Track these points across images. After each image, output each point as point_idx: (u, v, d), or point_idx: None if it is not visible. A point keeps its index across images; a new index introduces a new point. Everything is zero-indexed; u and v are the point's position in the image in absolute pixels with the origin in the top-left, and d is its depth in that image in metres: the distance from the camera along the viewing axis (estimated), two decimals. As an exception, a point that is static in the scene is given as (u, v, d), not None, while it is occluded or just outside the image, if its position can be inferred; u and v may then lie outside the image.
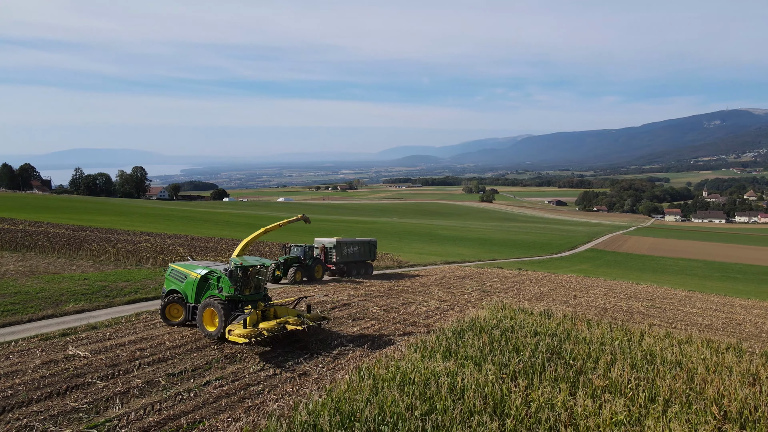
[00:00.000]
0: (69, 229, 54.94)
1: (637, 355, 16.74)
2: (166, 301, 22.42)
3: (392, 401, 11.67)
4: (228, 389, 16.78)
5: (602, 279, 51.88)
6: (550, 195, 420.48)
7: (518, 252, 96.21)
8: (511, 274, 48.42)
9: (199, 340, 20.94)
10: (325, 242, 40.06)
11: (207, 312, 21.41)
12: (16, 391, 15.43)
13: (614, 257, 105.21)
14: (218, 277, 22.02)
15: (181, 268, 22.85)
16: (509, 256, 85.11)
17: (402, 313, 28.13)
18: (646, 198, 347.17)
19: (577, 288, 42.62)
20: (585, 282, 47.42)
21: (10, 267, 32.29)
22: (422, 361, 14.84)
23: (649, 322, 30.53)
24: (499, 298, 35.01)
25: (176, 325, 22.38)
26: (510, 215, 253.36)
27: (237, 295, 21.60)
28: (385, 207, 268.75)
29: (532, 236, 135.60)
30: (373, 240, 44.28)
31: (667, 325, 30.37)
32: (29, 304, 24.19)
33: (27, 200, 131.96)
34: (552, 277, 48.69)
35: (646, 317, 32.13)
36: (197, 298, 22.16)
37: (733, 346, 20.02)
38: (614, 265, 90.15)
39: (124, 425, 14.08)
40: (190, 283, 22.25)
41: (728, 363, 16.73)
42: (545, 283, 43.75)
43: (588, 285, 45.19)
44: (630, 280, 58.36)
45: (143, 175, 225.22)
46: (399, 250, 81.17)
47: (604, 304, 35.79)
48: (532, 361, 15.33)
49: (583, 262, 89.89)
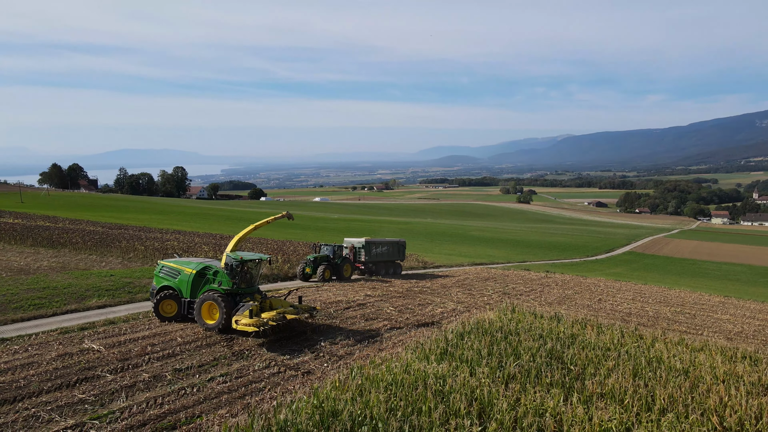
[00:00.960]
0: (105, 227, 56.99)
1: (642, 362, 16.21)
2: (158, 297, 22.86)
3: (376, 402, 11.68)
4: (230, 386, 17.11)
5: (633, 283, 50.43)
6: (590, 196, 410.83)
7: (551, 254, 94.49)
8: (537, 277, 47.60)
9: (209, 337, 21.41)
10: (354, 242, 41.02)
11: (206, 306, 22.12)
12: (29, 381, 16.13)
13: (652, 261, 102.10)
14: (215, 271, 22.73)
15: (173, 265, 23.35)
16: (541, 259, 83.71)
17: (416, 314, 28.06)
18: (691, 200, 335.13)
19: (604, 292, 41.56)
20: (613, 286, 46.17)
21: (44, 263, 33.74)
22: (416, 362, 14.79)
23: (673, 328, 29.55)
24: (519, 300, 34.50)
25: (170, 321, 22.86)
26: (547, 217, 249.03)
27: (236, 288, 22.42)
28: (420, 207, 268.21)
29: (568, 238, 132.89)
30: (402, 240, 44.71)
31: (693, 331, 29.32)
32: (55, 299, 25.23)
33: (73, 199, 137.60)
34: (579, 281, 47.63)
35: (671, 323, 31.08)
36: (193, 293, 22.74)
37: (750, 355, 19.14)
38: (651, 269, 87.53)
39: (125, 417, 14.54)
40: (184, 279, 22.78)
41: (740, 372, 16.01)
42: (571, 287, 42.83)
43: (616, 289, 44.00)
44: (666, 284, 56.56)
45: (183, 174, 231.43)
46: (429, 251, 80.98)
47: (629, 308, 34.78)
48: (529, 366, 15.07)
49: (619, 265, 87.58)
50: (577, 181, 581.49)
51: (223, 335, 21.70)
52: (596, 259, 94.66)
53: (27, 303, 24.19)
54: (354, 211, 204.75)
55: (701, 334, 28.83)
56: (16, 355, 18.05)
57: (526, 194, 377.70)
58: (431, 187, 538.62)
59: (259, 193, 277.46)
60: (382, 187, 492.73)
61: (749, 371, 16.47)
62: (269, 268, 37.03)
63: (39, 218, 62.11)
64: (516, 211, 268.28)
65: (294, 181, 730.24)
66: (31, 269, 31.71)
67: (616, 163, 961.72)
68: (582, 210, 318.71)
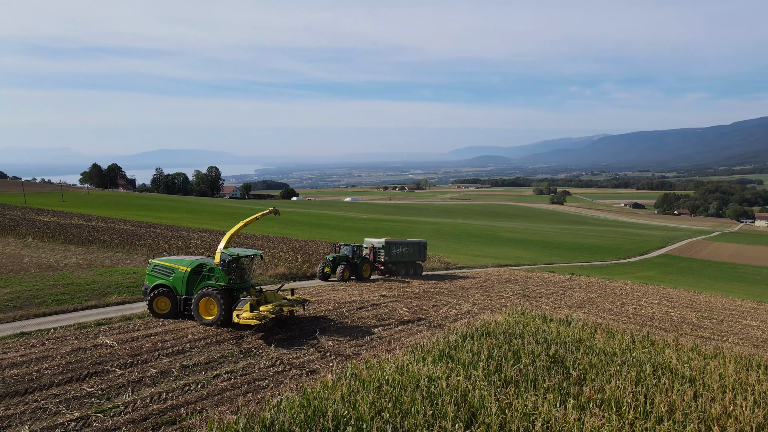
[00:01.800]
0: (135, 225, 58.66)
1: (647, 369, 15.71)
2: (152, 295, 23.38)
3: (364, 403, 11.68)
4: (234, 383, 17.37)
5: (661, 287, 49.02)
6: (627, 197, 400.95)
7: (582, 256, 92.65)
8: (561, 279, 46.75)
9: (220, 335, 21.78)
10: (374, 242, 41.26)
11: (203, 302, 22.72)
12: (42, 374, 16.72)
13: (688, 264, 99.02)
14: (210, 268, 23.28)
15: (166, 264, 23.87)
16: (570, 261, 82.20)
17: (430, 315, 27.92)
18: (734, 201, 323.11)
19: (628, 295, 40.53)
20: (640, 289, 44.97)
21: (72, 260, 34.92)
22: (412, 363, 14.71)
23: (696, 334, 28.63)
24: (538, 303, 33.97)
25: (163, 317, 23.37)
26: (581, 218, 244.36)
27: (232, 284, 22.98)
28: (451, 208, 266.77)
29: (600, 240, 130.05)
30: (423, 241, 44.71)
31: (717, 338, 28.34)
32: (77, 295, 26.08)
33: (111, 197, 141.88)
34: (605, 284, 46.56)
35: (695, 328, 30.09)
36: (189, 290, 23.28)
37: (765, 363, 18.32)
38: (686, 273, 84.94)
39: (128, 411, 14.93)
40: (179, 277, 23.31)
41: (752, 381, 15.36)
42: (595, 290, 41.91)
43: (642, 293, 42.84)
44: (699, 289, 54.78)
45: (217, 174, 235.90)
46: (456, 251, 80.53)
47: (652, 313, 33.81)
48: (527, 370, 14.80)
49: (652, 268, 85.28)
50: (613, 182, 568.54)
51: (232, 333, 22.04)
52: (628, 261, 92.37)
53: (50, 299, 25.09)
54: (384, 211, 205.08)
55: (726, 340, 27.84)
56: (32, 349, 18.74)
57: (560, 195, 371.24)
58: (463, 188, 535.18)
59: (290, 192, 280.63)
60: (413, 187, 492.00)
61: (763, 380, 15.80)
62: (288, 267, 37.44)
63: (74, 216, 64.34)
64: (548, 212, 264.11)
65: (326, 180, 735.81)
66: (59, 266, 32.85)
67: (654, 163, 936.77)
68: (617, 211, 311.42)
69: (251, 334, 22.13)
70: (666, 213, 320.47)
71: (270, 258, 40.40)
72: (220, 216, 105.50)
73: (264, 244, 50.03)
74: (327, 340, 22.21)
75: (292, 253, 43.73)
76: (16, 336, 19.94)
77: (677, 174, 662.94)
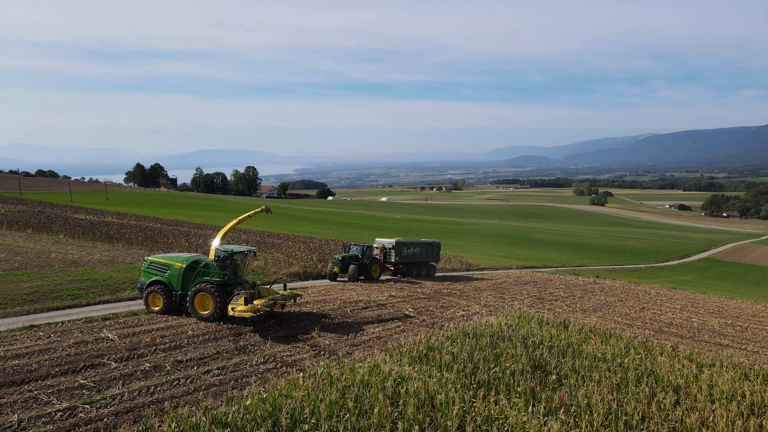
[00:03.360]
0: (164, 223, 60.39)
1: (631, 375, 15.16)
2: (147, 291, 24.00)
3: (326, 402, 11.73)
4: (223, 378, 17.71)
5: (690, 291, 47.20)
6: (673, 198, 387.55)
7: (616, 259, 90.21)
8: (583, 282, 45.62)
9: (219, 331, 22.23)
10: (385, 243, 40.87)
11: (198, 297, 23.35)
12: (41, 365, 17.44)
13: (731, 268, 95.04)
14: (205, 264, 23.83)
15: (161, 260, 24.45)
16: (603, 263, 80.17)
17: (435, 316, 27.73)
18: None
19: (651, 300, 39.20)
20: (666, 294, 43.42)
21: (96, 256, 36.25)
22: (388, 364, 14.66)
23: (714, 341, 27.52)
24: (553, 306, 33.29)
25: (157, 313, 23.91)
26: (621, 219, 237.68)
27: (226, 280, 23.60)
28: (487, 208, 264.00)
29: (640, 243, 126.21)
30: (437, 241, 44.28)
31: (736, 345, 27.16)
32: (92, 290, 27.10)
33: (152, 196, 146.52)
34: (629, 287, 45.16)
35: (714, 335, 28.87)
36: (184, 286, 23.86)
37: (763, 373, 17.32)
38: (727, 278, 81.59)
39: (114, 404, 15.42)
40: (174, 274, 23.88)
41: (745, 391, 14.59)
42: (617, 293, 40.71)
43: (667, 297, 41.34)
44: (737, 295, 52.54)
45: (255, 174, 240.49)
46: (484, 252, 79.70)
47: (671, 318, 32.61)
48: (504, 373, 14.52)
49: (690, 272, 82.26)
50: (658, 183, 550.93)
51: (231, 330, 22.45)
52: (666, 265, 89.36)
53: (66, 293, 26.13)
54: (418, 212, 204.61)
55: (745, 348, 26.64)
56: (38, 341, 19.58)
57: (601, 196, 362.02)
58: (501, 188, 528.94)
59: (326, 192, 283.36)
60: (450, 188, 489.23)
61: (758, 390, 15.01)
62: (303, 266, 37.84)
63: (109, 214, 66.83)
64: (588, 214, 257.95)
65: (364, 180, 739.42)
66: (82, 262, 34.16)
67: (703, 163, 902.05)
68: (661, 213, 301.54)
69: (250, 331, 22.50)
70: (714, 215, 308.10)
71: (285, 257, 40.91)
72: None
73: (283, 242, 50.71)
74: (324, 339, 22.36)
75: (308, 252, 44.17)
76: (25, 328, 20.87)
77: (727, 174, 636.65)
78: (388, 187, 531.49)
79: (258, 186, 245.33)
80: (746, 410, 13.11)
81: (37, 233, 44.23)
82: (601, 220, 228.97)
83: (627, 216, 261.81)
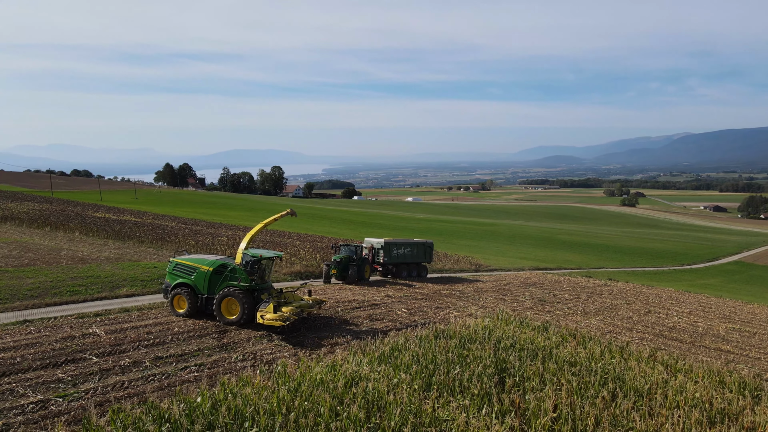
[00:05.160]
0: (179, 222, 61.60)
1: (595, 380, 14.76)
2: (172, 294, 23.96)
3: (273, 399, 11.84)
4: (198, 375, 17.97)
5: (704, 295, 45.80)
6: (708, 200, 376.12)
7: (640, 261, 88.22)
8: (594, 284, 44.72)
9: (204, 329, 22.58)
10: (374, 242, 39.42)
11: (225, 302, 23.13)
12: (25, 359, 18.02)
13: (762, 272, 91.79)
14: (232, 269, 23.64)
15: (187, 263, 24.32)
16: (624, 266, 78.48)
17: (427, 317, 27.58)
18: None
19: (662, 303, 38.18)
20: (677, 297, 42.22)
21: (104, 254, 37.23)
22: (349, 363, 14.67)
23: (716, 347, 26.71)
24: (553, 308, 32.77)
25: (182, 316, 23.85)
26: (652, 221, 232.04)
27: (254, 285, 23.31)
28: (513, 209, 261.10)
29: (667, 245, 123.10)
30: (429, 242, 42.51)
31: (738, 351, 26.30)
32: (92, 287, 27.83)
33: (180, 195, 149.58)
34: (640, 290, 44.08)
35: (717, 341, 27.97)
36: (210, 290, 23.75)
37: (738, 381, 16.62)
38: (755, 282, 78.87)
39: (87, 398, 15.83)
40: (201, 276, 23.80)
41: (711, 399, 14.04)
42: (625, 296, 39.79)
43: (678, 301, 40.20)
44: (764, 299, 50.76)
45: (281, 174, 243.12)
46: (502, 253, 78.94)
47: (676, 323, 31.71)
48: (462, 376, 14.35)
49: (715, 275, 79.84)
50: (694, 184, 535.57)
51: (217, 328, 22.76)
52: (691, 268, 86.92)
53: (66, 289, 26.92)
54: (442, 212, 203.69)
55: (747, 354, 25.75)
56: (27, 335, 20.23)
57: (632, 197, 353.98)
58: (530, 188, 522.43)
59: (352, 192, 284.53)
60: (478, 188, 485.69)
61: (730, 398, 14.48)
62: (304, 266, 38.09)
63: (128, 213, 68.58)
64: (617, 215, 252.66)
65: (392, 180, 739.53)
66: (90, 259, 35.13)
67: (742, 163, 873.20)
68: (695, 215, 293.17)
69: (235, 329, 22.77)
70: (751, 217, 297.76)
71: (288, 256, 41.27)
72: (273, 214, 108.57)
73: (291, 241, 51.19)
74: (308, 338, 22.49)
75: (312, 251, 44.47)
76: (18, 323, 21.59)
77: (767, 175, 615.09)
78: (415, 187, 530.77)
79: (284, 185, 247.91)
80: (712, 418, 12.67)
81: (54, 231, 45.69)
82: (630, 221, 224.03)
83: (658, 217, 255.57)
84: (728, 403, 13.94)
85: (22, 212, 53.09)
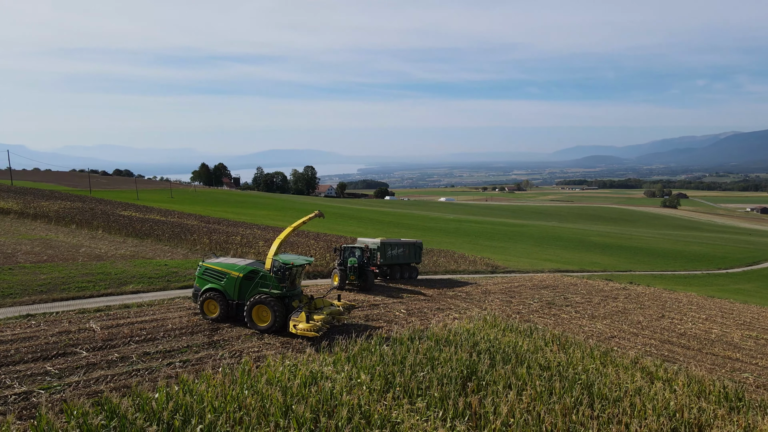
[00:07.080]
0: (202, 220, 62.94)
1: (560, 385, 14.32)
2: (202, 298, 23.79)
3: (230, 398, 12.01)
4: (179, 371, 18.32)
5: (728, 301, 43.94)
6: (756, 201, 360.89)
7: (674, 265, 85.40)
8: (611, 288, 43.50)
9: (198, 326, 23.02)
10: (369, 243, 37.65)
11: (256, 309, 22.90)
12: (18, 352, 18.74)
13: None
14: (263, 275, 23.27)
15: (217, 267, 24.04)
16: (654, 269, 76.11)
17: (425, 319, 27.38)
18: None
19: (679, 308, 36.83)
20: (697, 302, 40.65)
21: (121, 251, 38.38)
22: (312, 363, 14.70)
23: (726, 354, 25.66)
24: (561, 311, 32.08)
25: (214, 320, 23.71)
26: (692, 223, 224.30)
27: (285, 292, 23.10)
28: (548, 210, 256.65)
29: (705, 248, 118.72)
30: (419, 242, 40.84)
31: (747, 360, 25.17)
32: (100, 283, 28.73)
33: (213, 195, 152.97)
34: (659, 294, 42.63)
35: (728, 348, 26.81)
36: (241, 296, 23.52)
37: (719, 390, 15.80)
38: (794, 287, 75.20)
39: (69, 390, 16.36)
40: (231, 282, 23.51)
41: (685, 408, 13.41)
42: (641, 301, 38.55)
43: (697, 306, 38.69)
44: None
45: (313, 173, 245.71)
46: (528, 255, 77.72)
47: (688, 329, 30.54)
48: (425, 378, 14.17)
49: (752, 281, 76.56)
50: (741, 185, 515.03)
51: (210, 326, 23.16)
52: (727, 272, 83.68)
53: (74, 285, 27.88)
54: (473, 213, 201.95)
55: (756, 363, 24.62)
56: (26, 329, 21.04)
57: (674, 198, 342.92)
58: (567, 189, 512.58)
59: (384, 192, 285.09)
60: (513, 188, 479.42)
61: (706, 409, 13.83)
62: (314, 265, 38.34)
63: (154, 211, 70.48)
64: (656, 216, 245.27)
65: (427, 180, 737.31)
66: (106, 256, 36.29)
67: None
68: (740, 217, 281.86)
69: (227, 326, 23.12)
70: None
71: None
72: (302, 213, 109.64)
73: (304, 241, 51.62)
74: (296, 337, 22.61)
75: (322, 251, 44.74)
76: (22, 317, 22.48)
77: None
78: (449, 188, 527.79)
79: (316, 185, 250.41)
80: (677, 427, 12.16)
81: (79, 228, 47.42)
82: (669, 223, 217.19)
83: (700, 219, 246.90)
84: (700, 413, 13.36)
85: (53, 210, 55.29)
